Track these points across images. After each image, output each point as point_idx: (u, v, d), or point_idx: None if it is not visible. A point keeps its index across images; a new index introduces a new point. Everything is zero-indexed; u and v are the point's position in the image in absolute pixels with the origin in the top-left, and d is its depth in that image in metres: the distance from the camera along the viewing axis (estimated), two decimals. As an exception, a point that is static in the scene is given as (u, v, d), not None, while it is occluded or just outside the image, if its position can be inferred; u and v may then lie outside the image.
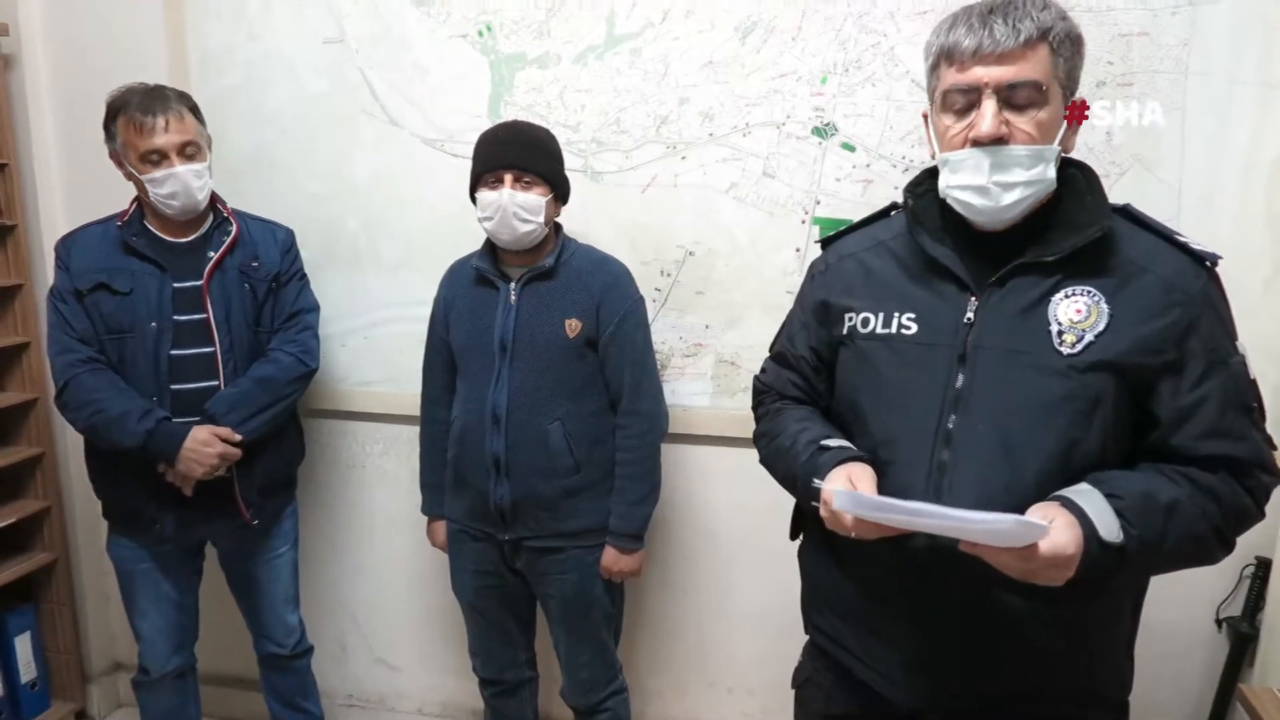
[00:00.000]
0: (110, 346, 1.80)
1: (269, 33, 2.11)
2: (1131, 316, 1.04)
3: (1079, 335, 1.04)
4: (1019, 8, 1.02)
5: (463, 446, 1.81)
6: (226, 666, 2.42)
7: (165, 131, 1.73)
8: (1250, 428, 1.05)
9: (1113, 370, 1.03)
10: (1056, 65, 1.02)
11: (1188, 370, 1.03)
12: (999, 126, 1.02)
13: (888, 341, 1.14)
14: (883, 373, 1.15)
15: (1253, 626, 1.85)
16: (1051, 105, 1.03)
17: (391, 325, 2.19)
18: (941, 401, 1.09)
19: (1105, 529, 0.97)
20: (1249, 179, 1.75)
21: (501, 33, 2.00)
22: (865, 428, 1.16)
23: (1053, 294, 1.06)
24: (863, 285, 1.20)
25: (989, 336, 1.08)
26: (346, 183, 2.15)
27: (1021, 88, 1.01)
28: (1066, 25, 1.03)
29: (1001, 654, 1.10)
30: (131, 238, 1.80)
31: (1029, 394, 1.05)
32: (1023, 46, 1.00)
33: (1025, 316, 1.06)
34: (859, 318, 1.18)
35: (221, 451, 1.78)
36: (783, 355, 1.33)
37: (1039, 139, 1.03)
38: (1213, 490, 1.03)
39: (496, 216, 1.69)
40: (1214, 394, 1.03)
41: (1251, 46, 1.70)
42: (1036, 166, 1.03)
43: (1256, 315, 1.78)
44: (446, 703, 2.42)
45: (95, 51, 2.20)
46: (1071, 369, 1.04)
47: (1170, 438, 1.04)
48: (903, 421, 1.12)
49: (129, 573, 1.93)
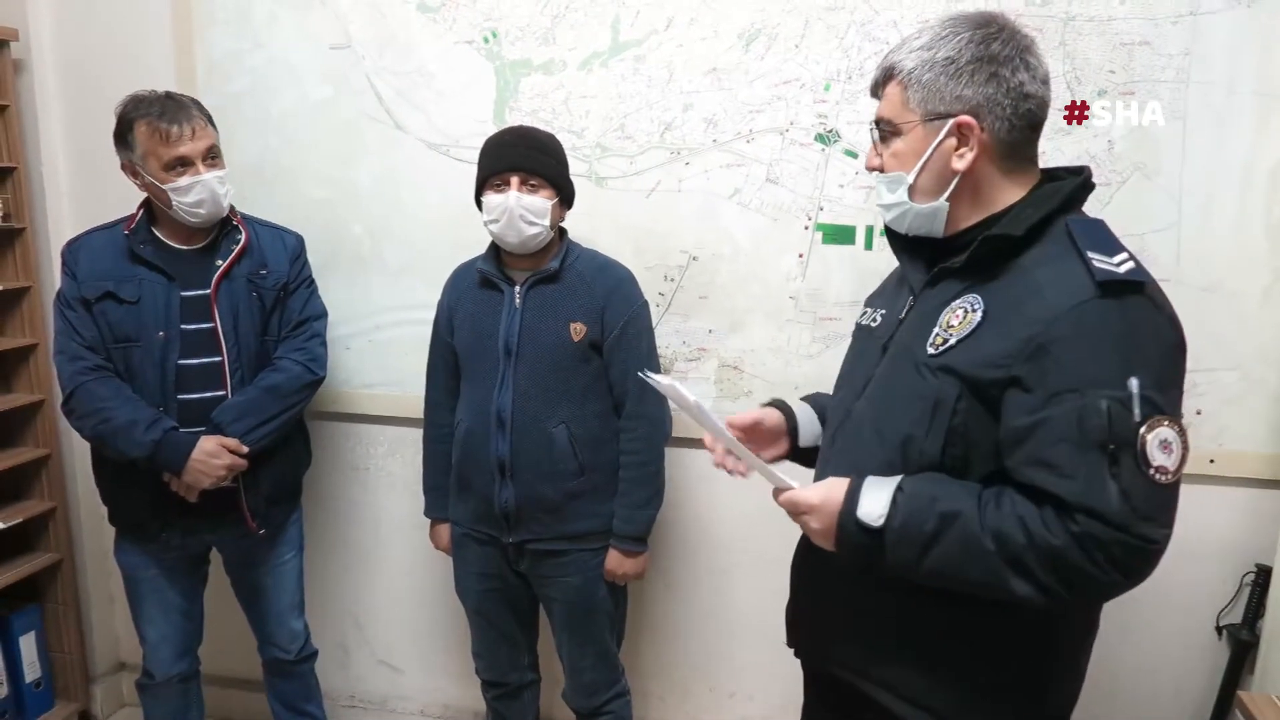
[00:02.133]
0: (117, 355, 1.80)
1: (275, 40, 2.13)
2: (996, 327, 1.03)
3: (946, 338, 1.07)
4: (891, 53, 1.12)
5: (467, 449, 1.82)
6: (230, 667, 2.42)
7: (191, 139, 1.73)
8: (1093, 467, 0.94)
9: (957, 377, 1.04)
10: (908, 100, 1.09)
11: (1032, 392, 0.98)
12: (873, 158, 1.17)
13: (858, 333, 1.31)
14: (847, 357, 1.33)
15: (1253, 634, 1.86)
16: (908, 136, 1.11)
17: (395, 328, 2.21)
18: (862, 385, 1.20)
19: (866, 509, 1.05)
20: (1248, 188, 1.76)
21: (507, 39, 2.02)
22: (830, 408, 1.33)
23: (955, 299, 1.10)
24: (881, 287, 1.37)
25: (903, 332, 1.16)
26: (351, 188, 2.16)
27: (880, 124, 1.14)
28: (920, 57, 1.08)
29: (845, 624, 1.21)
30: (139, 245, 1.80)
31: (893, 387, 1.14)
32: (879, 87, 1.14)
33: (928, 317, 1.12)
34: (860, 313, 1.34)
35: (229, 463, 1.78)
36: None
37: (895, 167, 1.13)
38: (1021, 518, 0.98)
39: (503, 219, 1.71)
40: (1051, 422, 0.96)
41: (1251, 56, 1.71)
42: (894, 193, 1.14)
43: (1255, 323, 1.79)
44: (449, 705, 2.43)
45: (103, 58, 2.21)
46: (924, 367, 1.08)
47: (1005, 458, 1.02)
48: (836, 400, 1.29)
49: (136, 580, 1.94)
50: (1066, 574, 0.97)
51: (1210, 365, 1.82)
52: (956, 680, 1.12)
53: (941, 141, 1.08)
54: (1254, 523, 1.86)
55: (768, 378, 2.02)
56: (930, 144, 1.09)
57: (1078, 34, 1.76)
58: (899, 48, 1.11)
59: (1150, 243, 1.80)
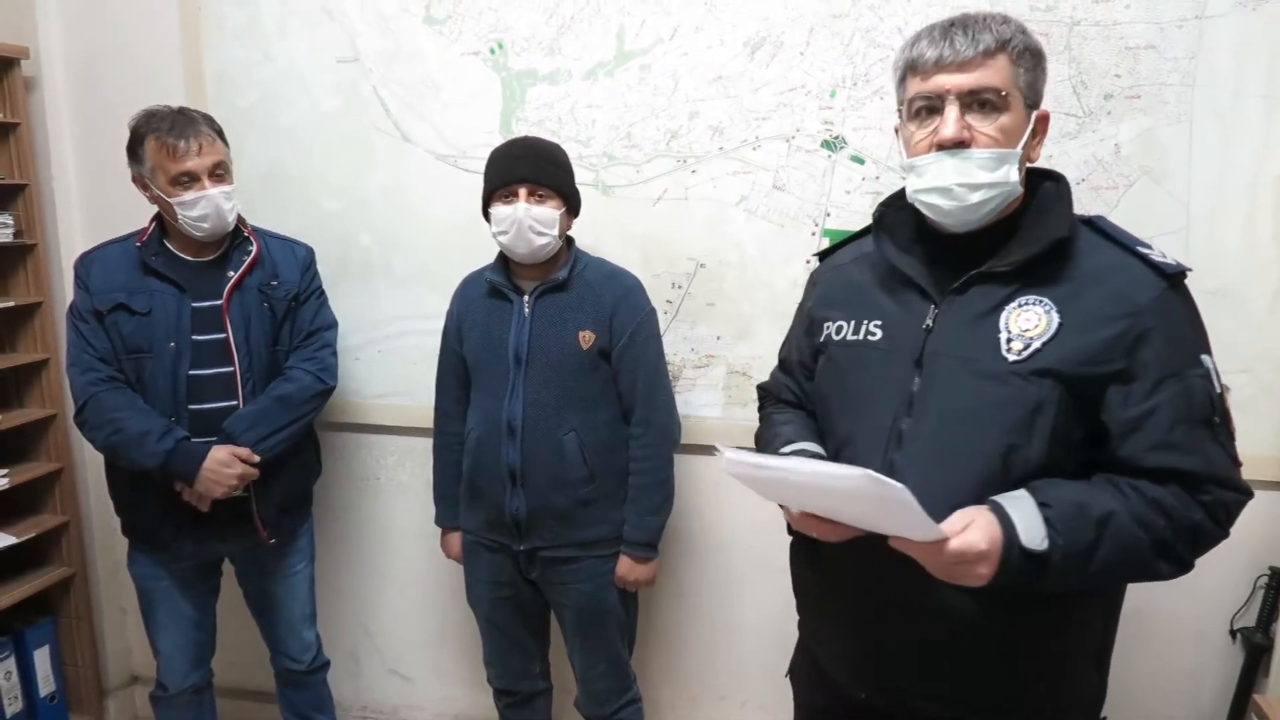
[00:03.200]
0: (129, 366, 1.82)
1: (284, 53, 2.14)
2: (1080, 326, 1.05)
3: (1026, 343, 1.06)
4: (979, 22, 1.07)
5: (478, 458, 1.82)
6: (243, 679, 2.43)
7: (198, 155, 1.75)
8: (1206, 441, 1.04)
9: (1057, 378, 1.04)
10: (1017, 75, 1.07)
11: (1138, 381, 1.03)
12: (961, 130, 1.07)
13: (855, 348, 1.21)
14: (848, 377, 1.21)
15: (1267, 637, 1.85)
16: (1013, 112, 1.07)
17: (405, 339, 2.21)
18: (897, 404, 1.13)
19: (1028, 535, 0.98)
20: (1256, 192, 1.75)
21: (513, 50, 2.03)
22: (833, 429, 1.23)
23: (1008, 303, 1.08)
24: (843, 296, 1.26)
25: (943, 342, 1.11)
26: (360, 199, 2.17)
27: (982, 93, 1.06)
28: (1026, 39, 1.08)
29: (940, 655, 1.12)
30: (150, 257, 1.82)
31: (971, 399, 1.08)
32: (982, 55, 1.05)
33: (978, 324, 1.09)
34: (834, 326, 1.25)
35: (240, 472, 1.79)
36: (785, 362, 1.41)
37: (1002, 142, 1.07)
38: (1160, 504, 1.02)
39: (512, 230, 1.71)
40: (1164, 406, 1.03)
41: (1257, 60, 1.71)
42: (1000, 169, 1.07)
43: (1264, 327, 1.79)
44: (460, 714, 2.43)
45: (113, 73, 2.23)
46: (1014, 375, 1.05)
47: (1120, 449, 1.05)
48: (861, 423, 1.17)
49: (148, 590, 1.95)
50: (1199, 543, 1.06)
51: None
52: (1072, 682, 1.14)
53: (1030, 130, 1.09)
54: (1267, 526, 1.85)
55: (776, 384, 2.03)
56: (1026, 129, 1.09)
57: (1083, 38, 1.76)
58: (992, 25, 1.07)
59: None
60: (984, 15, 1.08)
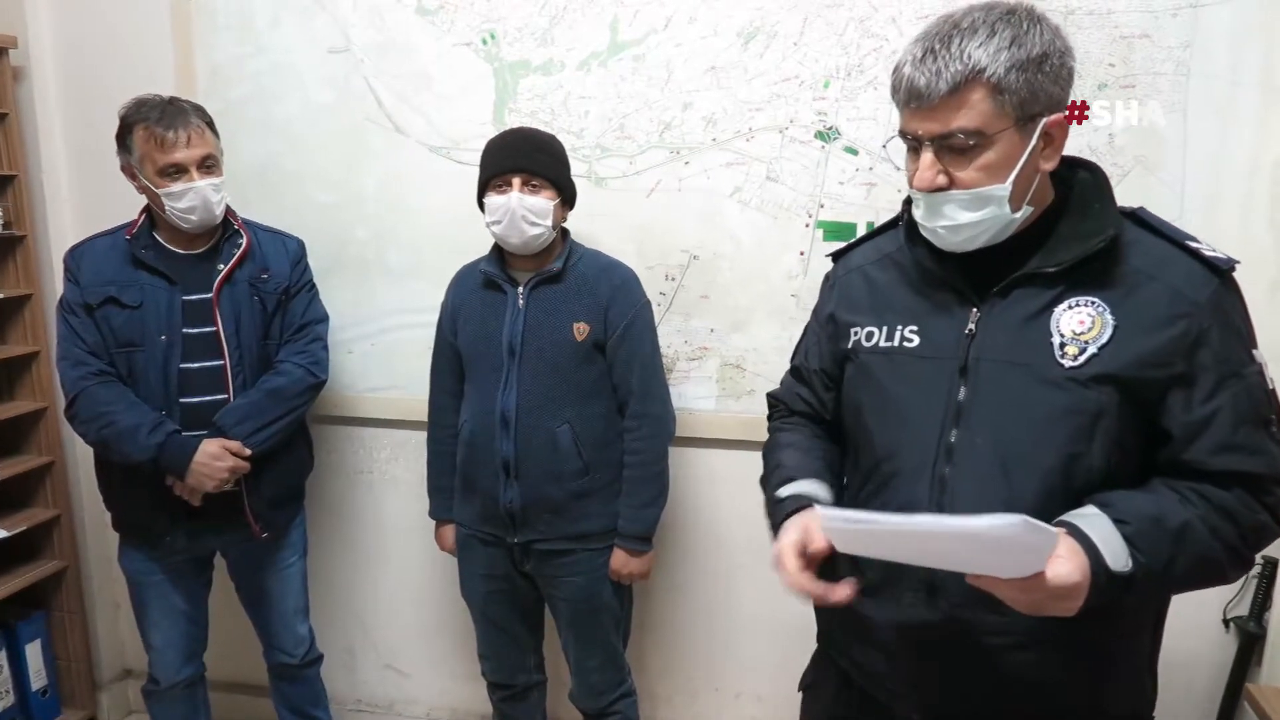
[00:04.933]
0: (119, 359, 1.80)
1: (276, 45, 2.13)
2: (1137, 328, 1.00)
3: (1081, 347, 1.01)
4: (950, 48, 0.96)
5: (472, 450, 1.82)
6: (236, 673, 2.42)
7: (187, 146, 1.74)
8: (1268, 440, 1.01)
9: (1116, 383, 1.00)
10: (1000, 104, 0.96)
11: (1198, 383, 1.00)
12: (935, 178, 1.00)
13: (890, 355, 1.13)
14: (885, 386, 1.13)
15: (1260, 626, 1.85)
16: (1000, 144, 0.98)
17: (399, 331, 2.20)
18: (943, 415, 1.07)
19: (1113, 558, 0.94)
20: (1252, 181, 1.75)
21: (505, 40, 2.02)
22: (870, 441, 1.15)
23: (1056, 304, 1.03)
24: (867, 299, 1.19)
25: (990, 348, 1.05)
26: (353, 191, 2.16)
27: (952, 138, 0.98)
28: (1012, 55, 0.95)
29: (1006, 673, 1.07)
30: (140, 250, 1.81)
31: (1028, 407, 1.02)
32: (949, 95, 0.96)
33: (1027, 328, 1.04)
34: (863, 332, 1.17)
35: (232, 465, 1.78)
36: (798, 370, 1.33)
37: (984, 181, 0.99)
38: (1227, 509, 1.00)
39: (505, 220, 1.71)
40: (1226, 407, 1.00)
41: (1252, 48, 1.71)
42: (984, 208, 1.01)
43: (1262, 319, 1.75)
44: (455, 708, 2.43)
45: (104, 64, 2.22)
46: (1072, 381, 1.01)
47: (1182, 453, 1.01)
48: (905, 435, 1.10)
49: (140, 584, 1.94)
50: (1262, 542, 1.03)
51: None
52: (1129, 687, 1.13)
53: (1034, 144, 0.99)
54: (1260, 516, 1.85)
55: (770, 376, 2.02)
56: (1025, 149, 0.99)
57: (1077, 27, 1.76)
58: (966, 48, 0.95)
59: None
60: (965, 30, 0.96)
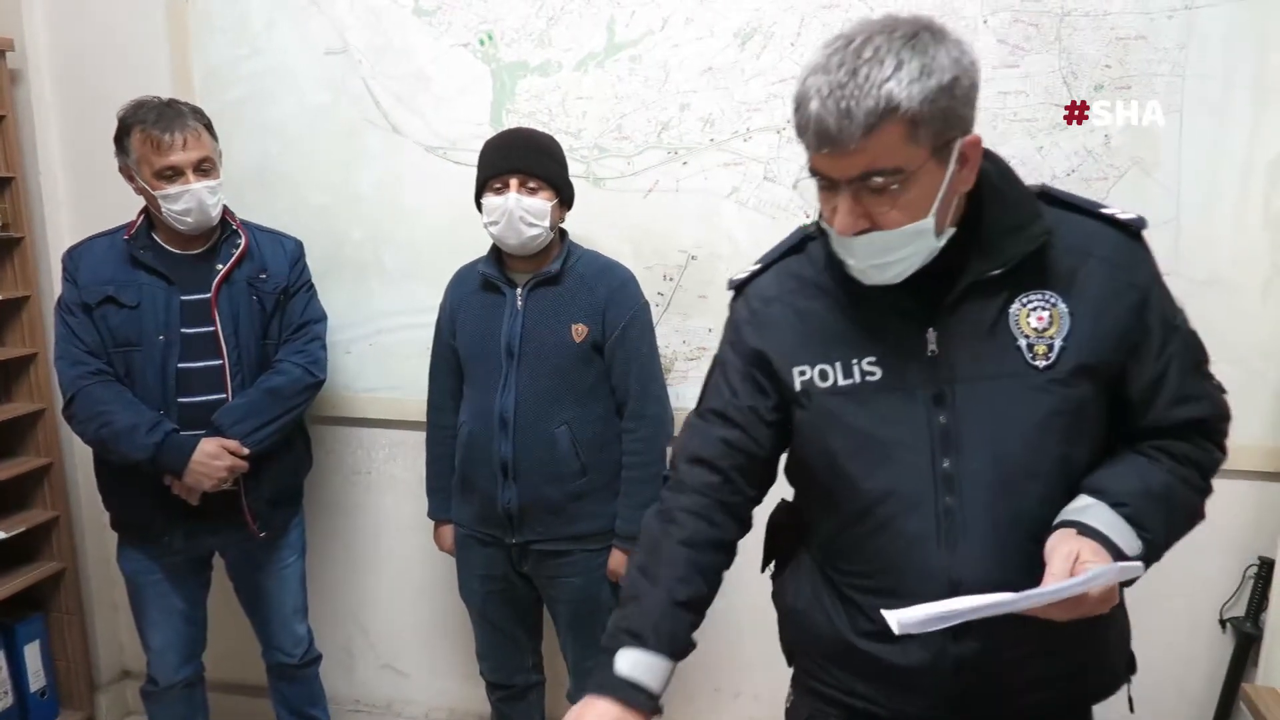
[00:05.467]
0: (118, 359, 1.81)
1: (272, 46, 2.13)
2: (1092, 311, 0.99)
3: (1049, 344, 0.99)
4: (859, 82, 0.87)
5: (470, 451, 1.82)
6: (234, 674, 2.42)
7: (183, 149, 1.74)
8: (1206, 383, 1.06)
9: (1092, 372, 1.00)
10: (915, 137, 0.89)
11: (1150, 345, 1.02)
12: (857, 222, 0.94)
13: (854, 394, 1.04)
14: (858, 427, 1.04)
15: (1256, 626, 1.85)
16: (920, 179, 0.91)
17: (397, 332, 2.21)
18: (930, 444, 1.01)
19: (1126, 543, 0.95)
20: (1247, 181, 1.76)
21: (503, 41, 2.02)
22: (854, 488, 1.05)
23: (1009, 306, 1.00)
24: (803, 334, 1.08)
25: (961, 368, 1.01)
26: (350, 193, 2.16)
27: (871, 179, 0.91)
28: (924, 86, 0.87)
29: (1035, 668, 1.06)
30: (139, 250, 1.81)
31: (1018, 418, 1.00)
32: (865, 136, 0.87)
33: (990, 337, 1.00)
34: (813, 372, 1.06)
35: (230, 464, 1.79)
36: (720, 413, 1.14)
37: (907, 220, 0.93)
38: (1190, 457, 1.04)
39: (503, 221, 1.71)
40: (1174, 361, 1.02)
41: (1247, 50, 1.71)
42: (910, 244, 0.95)
43: (1255, 317, 1.79)
44: (454, 708, 2.43)
45: (100, 66, 2.22)
46: (1054, 382, 0.99)
47: (1144, 415, 1.04)
48: (894, 474, 1.03)
49: (139, 585, 1.94)
50: (1214, 475, 1.07)
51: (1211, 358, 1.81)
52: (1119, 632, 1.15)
53: (952, 169, 0.94)
54: (1256, 516, 1.86)
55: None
56: (944, 177, 0.93)
57: (1073, 29, 1.76)
58: (875, 82, 0.86)
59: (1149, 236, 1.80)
60: (871, 61, 0.87)
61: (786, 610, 1.24)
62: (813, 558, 1.17)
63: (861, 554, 1.07)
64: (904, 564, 1.02)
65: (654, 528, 1.15)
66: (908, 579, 1.01)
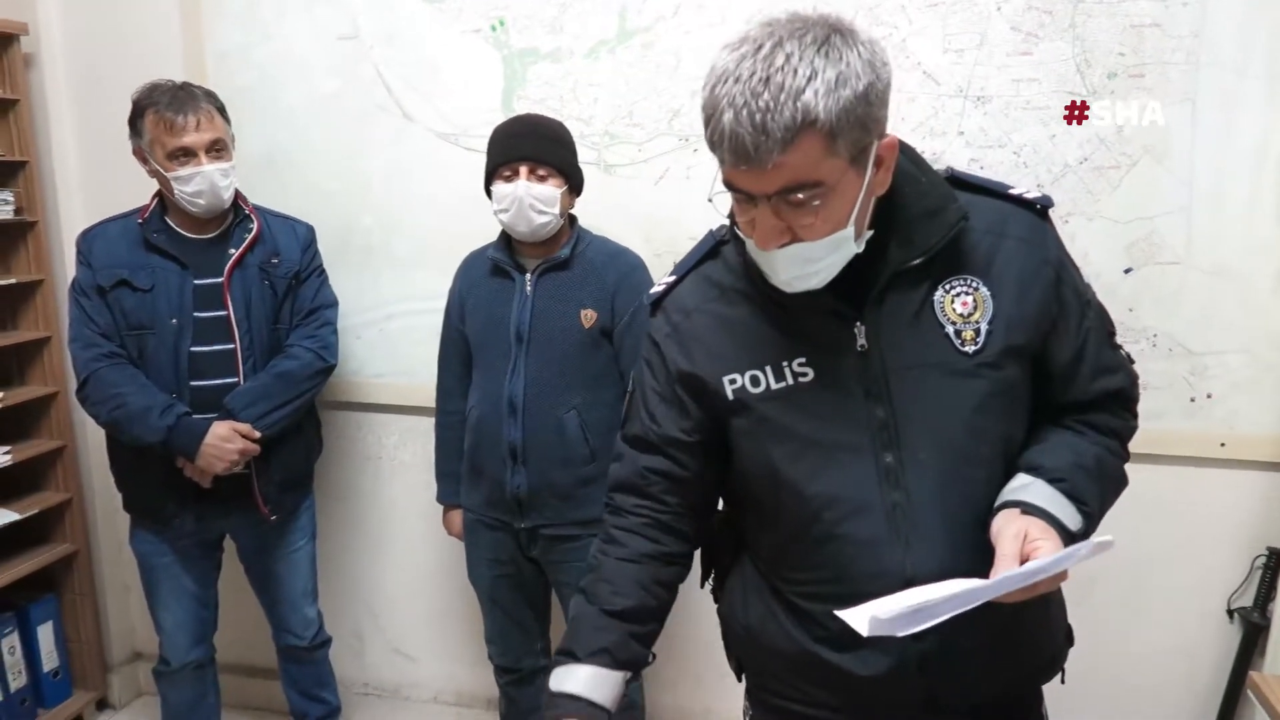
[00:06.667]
0: (130, 342, 1.82)
1: (283, 32, 2.14)
2: (1012, 292, 1.00)
3: (975, 329, 0.99)
4: (776, 98, 0.83)
5: (479, 436, 1.83)
6: (246, 657, 2.44)
7: (195, 130, 1.75)
8: (1117, 354, 1.08)
9: (1020, 354, 1.00)
10: (834, 147, 0.86)
11: (1069, 320, 1.03)
12: (777, 237, 0.91)
13: (787, 397, 1.01)
14: (795, 431, 1.01)
15: (1264, 616, 1.86)
16: (839, 189, 0.89)
17: (406, 318, 2.22)
18: (871, 442, 0.99)
19: (1069, 520, 0.96)
20: (1260, 172, 1.75)
21: (514, 27, 2.02)
22: (799, 495, 1.02)
23: (932, 294, 0.99)
24: (729, 342, 1.05)
25: (893, 360, 0.99)
26: (360, 179, 2.17)
27: (790, 194, 0.88)
28: (839, 96, 0.84)
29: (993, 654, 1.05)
30: (152, 234, 1.82)
31: (955, 406, 0.99)
32: (783, 152, 0.84)
33: (917, 326, 0.99)
34: (744, 379, 1.03)
35: (241, 448, 1.80)
36: (641, 439, 1.11)
37: (827, 230, 0.91)
38: (1110, 428, 1.06)
39: (512, 209, 1.71)
40: (1090, 335, 1.04)
41: (1261, 39, 1.70)
42: (832, 253, 0.93)
43: (1265, 308, 1.79)
44: (461, 692, 2.45)
45: (112, 51, 2.23)
46: (984, 366, 0.98)
47: (1066, 387, 1.05)
48: (838, 478, 1.00)
49: (151, 566, 1.96)
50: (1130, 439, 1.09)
51: (1220, 349, 1.81)
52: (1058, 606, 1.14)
53: (870, 174, 0.92)
54: (1264, 506, 1.86)
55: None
56: (863, 184, 0.91)
57: (1088, 15, 1.76)
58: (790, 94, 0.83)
59: (1161, 226, 1.80)
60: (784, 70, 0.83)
61: (737, 627, 1.20)
62: (757, 569, 1.14)
63: (810, 563, 1.04)
64: (857, 569, 0.99)
65: (595, 549, 1.14)
66: (861, 583, 0.98)
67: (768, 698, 1.17)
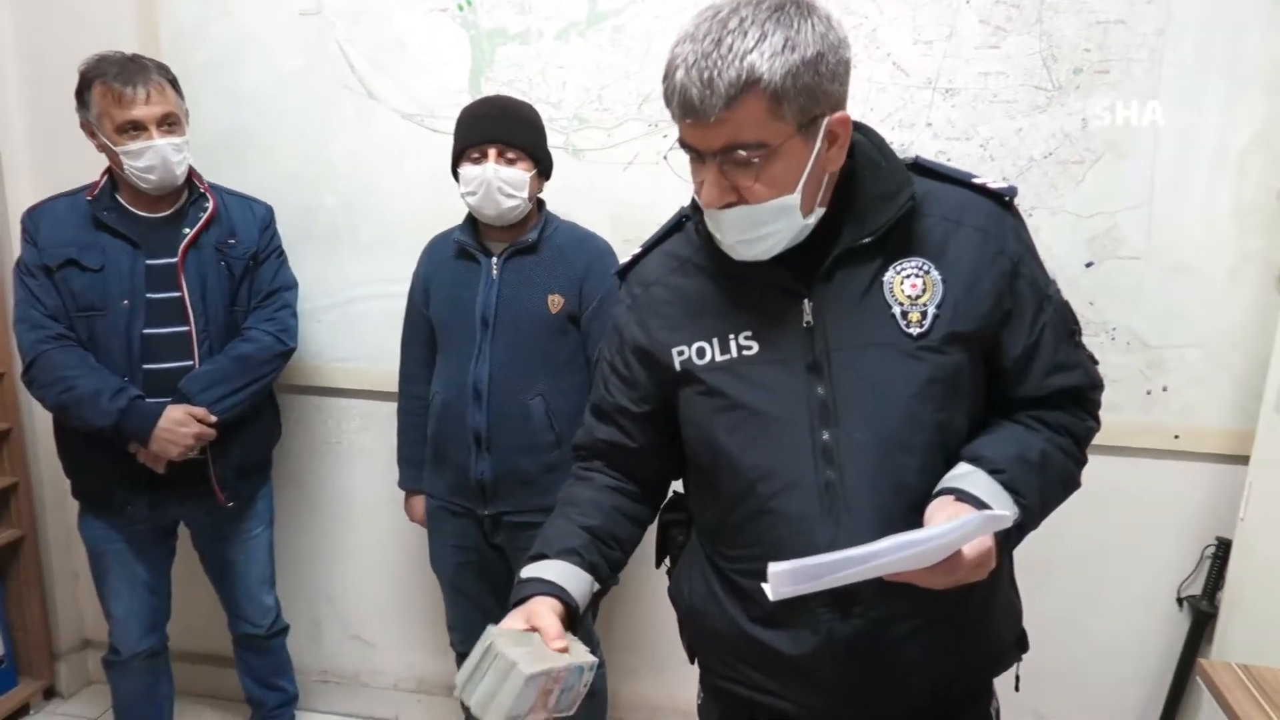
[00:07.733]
0: (80, 324, 1.76)
1: (243, 6, 2.08)
2: (964, 279, 1.00)
3: (922, 311, 0.99)
4: (724, 56, 0.87)
5: (443, 421, 1.81)
6: (200, 644, 2.40)
7: (146, 103, 1.69)
8: (1078, 352, 1.07)
9: (965, 340, 1.00)
10: (779, 111, 0.89)
11: (1023, 314, 1.02)
12: (723, 194, 0.94)
13: (731, 369, 1.03)
14: (736, 402, 1.03)
15: (1212, 604, 1.90)
16: (784, 154, 0.92)
17: (369, 302, 2.17)
18: (809, 417, 1.00)
19: (1006, 511, 0.95)
20: (1218, 169, 1.78)
21: (482, 7, 1.98)
22: (734, 466, 1.03)
23: (881, 274, 1.00)
24: (681, 313, 1.08)
25: (836, 337, 1.00)
26: (324, 160, 2.12)
27: (733, 151, 0.91)
28: (787, 60, 0.87)
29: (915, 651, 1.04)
30: (102, 212, 1.76)
31: (894, 386, 0.99)
32: (727, 108, 0.88)
33: (864, 305, 1.00)
34: (691, 350, 1.06)
35: (197, 432, 1.76)
36: (597, 407, 1.17)
37: (771, 195, 0.94)
38: (1064, 426, 1.05)
39: (480, 191, 1.69)
40: (1048, 330, 1.03)
41: (1222, 37, 1.73)
42: (776, 221, 0.96)
43: (1221, 302, 1.82)
44: (422, 679, 2.43)
45: (64, 25, 2.14)
46: (926, 350, 0.99)
47: (1017, 384, 1.04)
48: (774, 451, 1.01)
49: (100, 553, 1.91)
50: (1088, 444, 1.08)
51: (1177, 343, 1.85)
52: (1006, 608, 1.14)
53: (819, 147, 0.94)
54: (1215, 497, 1.90)
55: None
56: (810, 154, 0.93)
57: (1054, 11, 1.77)
58: (737, 54, 0.87)
59: (1122, 220, 1.82)
60: (735, 32, 0.88)
61: (684, 608, 1.21)
62: (702, 548, 1.15)
63: (745, 538, 1.05)
64: (788, 545, 0.99)
65: (566, 485, 1.19)
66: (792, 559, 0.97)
67: (714, 679, 1.18)
